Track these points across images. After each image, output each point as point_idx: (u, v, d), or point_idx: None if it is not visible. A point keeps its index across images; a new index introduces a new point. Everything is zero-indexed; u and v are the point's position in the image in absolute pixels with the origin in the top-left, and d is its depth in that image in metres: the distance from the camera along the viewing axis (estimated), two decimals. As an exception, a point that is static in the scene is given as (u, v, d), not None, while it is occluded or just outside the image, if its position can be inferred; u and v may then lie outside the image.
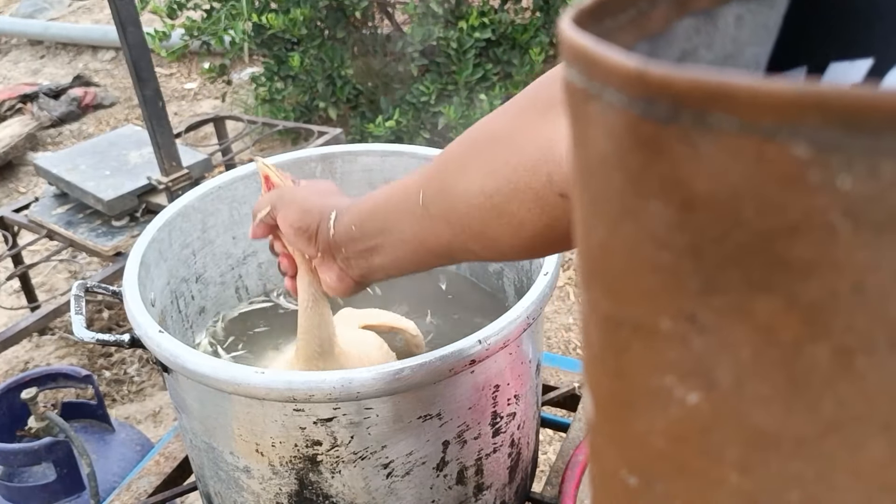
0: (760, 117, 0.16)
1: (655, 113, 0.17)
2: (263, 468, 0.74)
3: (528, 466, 0.88)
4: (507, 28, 2.68)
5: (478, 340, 0.69)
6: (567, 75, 0.20)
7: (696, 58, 0.24)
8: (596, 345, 0.22)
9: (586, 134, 0.20)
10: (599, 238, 0.21)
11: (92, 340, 0.76)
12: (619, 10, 0.22)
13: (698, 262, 0.18)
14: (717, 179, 0.17)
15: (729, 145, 0.17)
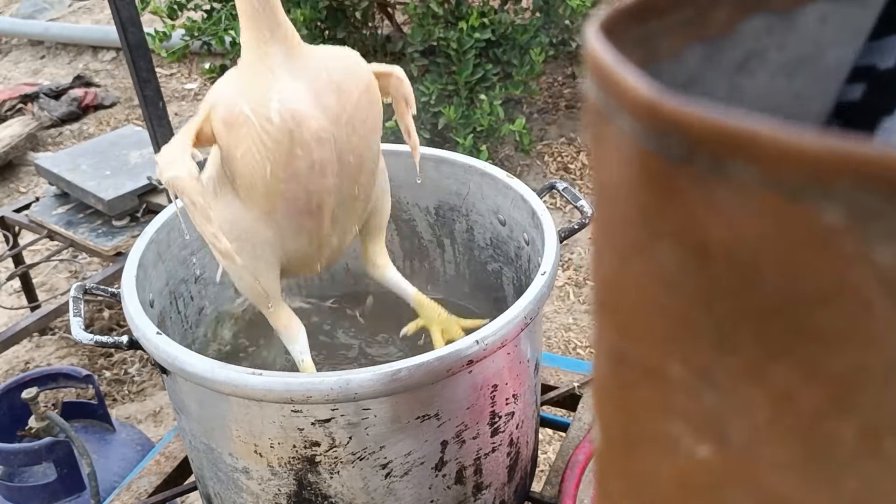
0: (786, 173, 0.14)
1: (668, 150, 0.16)
2: (262, 469, 0.74)
3: (527, 466, 0.88)
4: (507, 28, 2.68)
5: (475, 340, 0.69)
6: (587, 87, 0.18)
7: (763, 60, 0.22)
8: (604, 375, 0.21)
9: (602, 156, 0.19)
10: (610, 269, 0.19)
11: (90, 342, 0.76)
12: (670, 10, 0.20)
13: (712, 314, 0.16)
14: (736, 232, 0.15)
15: (749, 199, 0.15)
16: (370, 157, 0.79)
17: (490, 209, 0.97)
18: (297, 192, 0.73)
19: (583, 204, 0.91)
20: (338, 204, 0.77)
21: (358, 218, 0.84)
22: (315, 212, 0.76)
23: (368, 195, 0.82)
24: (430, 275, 1.08)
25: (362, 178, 0.78)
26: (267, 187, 0.73)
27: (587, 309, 2.30)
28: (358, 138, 0.74)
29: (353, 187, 0.77)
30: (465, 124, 2.57)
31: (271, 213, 0.75)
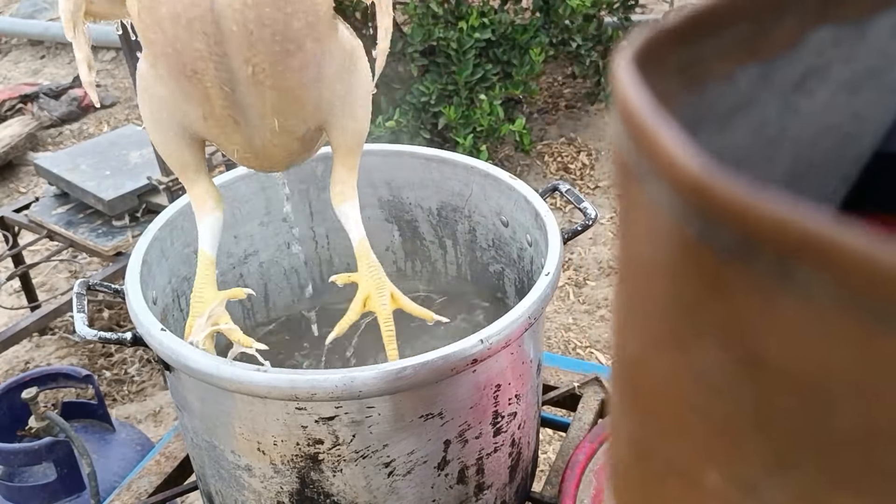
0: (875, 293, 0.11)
1: (717, 241, 0.13)
2: (265, 467, 0.74)
3: (528, 466, 0.88)
4: (507, 28, 2.68)
5: (479, 340, 0.69)
6: (615, 133, 0.15)
7: (826, 75, 0.19)
8: (625, 463, 0.19)
9: (632, 222, 0.16)
10: (636, 352, 0.17)
11: (94, 338, 0.76)
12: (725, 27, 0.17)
13: (764, 431, 0.14)
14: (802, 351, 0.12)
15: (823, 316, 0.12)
16: (296, 39, 0.66)
17: (493, 210, 0.97)
18: (165, 47, 0.65)
19: (586, 206, 0.91)
20: (231, 81, 0.66)
21: (296, 117, 0.72)
22: (192, 78, 0.66)
23: (299, 92, 0.69)
24: (432, 275, 1.08)
25: (283, 66, 0.66)
26: (139, 31, 0.66)
27: (587, 309, 2.30)
28: (275, 12, 0.63)
29: (261, 69, 0.65)
30: (465, 124, 2.57)
31: (156, 66, 0.68)
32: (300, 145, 0.76)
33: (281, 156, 0.77)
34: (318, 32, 0.67)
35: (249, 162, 0.78)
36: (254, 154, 0.75)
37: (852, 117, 0.21)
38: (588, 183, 2.80)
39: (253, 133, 0.72)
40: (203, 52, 0.64)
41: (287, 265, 1.05)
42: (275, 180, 0.99)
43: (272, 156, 0.76)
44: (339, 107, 0.74)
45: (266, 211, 1.00)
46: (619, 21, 3.01)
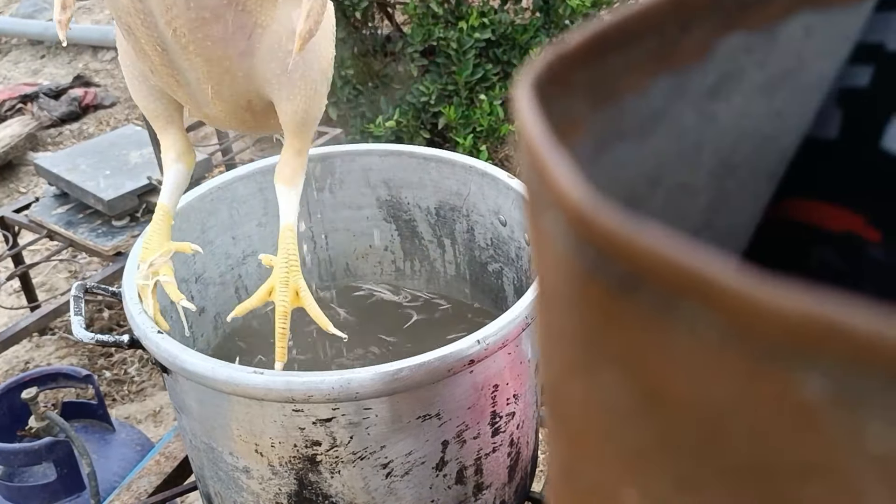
0: (754, 332, 0.11)
1: (607, 274, 0.13)
2: (263, 468, 0.74)
3: (527, 466, 0.88)
4: (507, 28, 2.68)
5: (476, 340, 0.69)
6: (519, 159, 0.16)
7: (739, 82, 0.19)
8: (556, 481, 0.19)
9: (538, 246, 0.16)
10: (554, 375, 0.17)
11: (91, 341, 0.76)
12: (630, 43, 0.17)
13: (670, 455, 0.14)
14: (694, 385, 0.13)
15: (710, 351, 0.12)
16: (213, 8, 0.63)
17: (491, 209, 0.97)
18: (105, 2, 0.67)
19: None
20: (161, 42, 0.65)
21: (228, 87, 0.70)
22: (129, 35, 0.67)
23: (226, 63, 0.67)
24: (431, 275, 1.08)
25: (202, 33, 0.64)
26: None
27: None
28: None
29: (181, 33, 0.64)
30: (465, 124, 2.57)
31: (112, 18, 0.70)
32: (250, 114, 0.75)
33: (230, 121, 0.76)
34: (243, 4, 0.64)
35: (201, 117, 0.78)
36: (203, 115, 0.76)
37: (773, 117, 0.21)
38: (588, 182, 2.80)
39: (195, 95, 0.71)
40: (129, 8, 0.64)
41: (286, 265, 1.05)
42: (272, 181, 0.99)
43: (220, 119, 0.76)
44: (275, 85, 0.71)
45: (264, 211, 1.00)
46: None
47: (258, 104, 0.74)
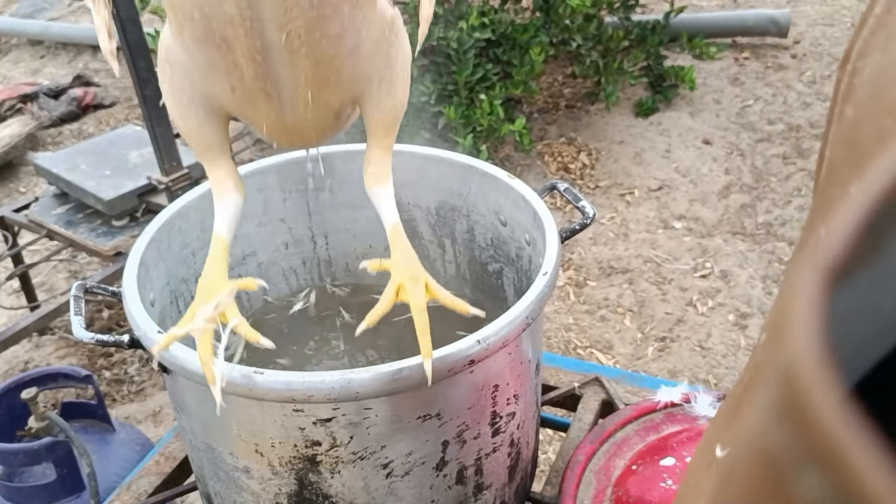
0: None
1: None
2: (263, 468, 0.74)
3: (527, 466, 0.88)
4: (507, 28, 2.68)
5: (477, 340, 0.69)
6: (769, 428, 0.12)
7: None
8: None
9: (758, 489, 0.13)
10: None
11: (91, 341, 0.76)
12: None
13: None
14: None
15: None
16: (334, 3, 0.61)
17: (491, 209, 0.97)
18: (191, 10, 0.60)
19: (584, 205, 0.90)
20: (263, 49, 0.62)
21: (331, 89, 0.68)
22: (221, 46, 0.62)
23: (336, 63, 0.65)
24: (431, 274, 1.08)
25: (320, 32, 0.62)
26: (166, 3, 0.63)
27: (587, 309, 2.30)
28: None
29: (296, 36, 0.61)
30: (465, 124, 2.57)
31: (180, 33, 0.64)
32: (334, 120, 0.72)
33: (313, 130, 0.72)
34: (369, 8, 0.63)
35: (278, 137, 0.73)
36: (284, 129, 0.71)
37: None
38: (588, 183, 2.80)
39: (284, 106, 0.68)
40: (234, 16, 0.59)
41: (286, 266, 1.05)
42: (272, 181, 0.99)
43: (303, 130, 0.72)
44: (376, 81, 0.69)
45: (264, 212, 1.00)
46: (619, 21, 3.01)
47: (348, 107, 0.71)
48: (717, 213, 2.64)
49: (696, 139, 2.96)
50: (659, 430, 0.90)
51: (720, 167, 2.83)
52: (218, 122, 0.71)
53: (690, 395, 0.93)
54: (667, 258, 2.46)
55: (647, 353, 2.14)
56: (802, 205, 2.63)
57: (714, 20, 3.52)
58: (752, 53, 3.43)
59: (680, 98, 3.14)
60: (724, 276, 2.38)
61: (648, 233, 2.57)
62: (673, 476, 0.80)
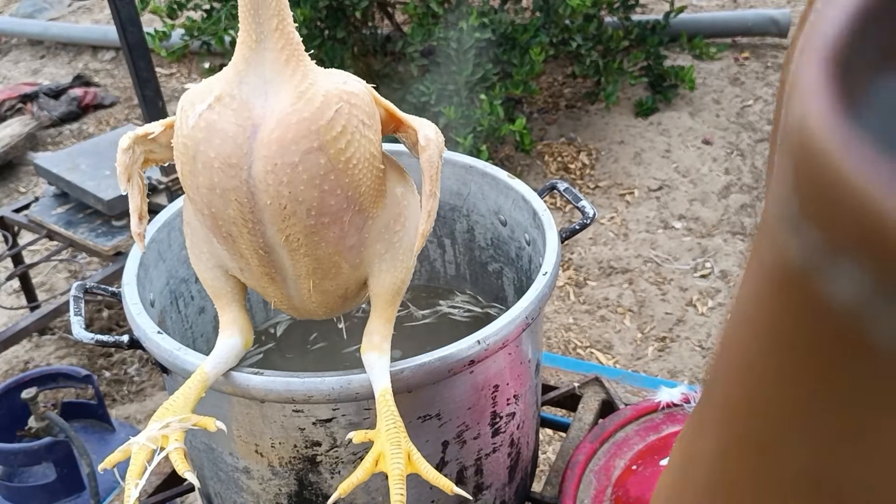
0: None
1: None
2: (263, 469, 0.74)
3: (527, 466, 0.88)
4: (507, 28, 2.68)
5: (477, 341, 0.69)
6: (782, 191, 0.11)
7: None
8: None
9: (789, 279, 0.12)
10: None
11: (91, 342, 0.76)
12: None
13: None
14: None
15: None
16: (333, 213, 0.65)
17: (491, 209, 0.97)
18: (202, 207, 0.66)
19: (584, 205, 0.90)
20: (266, 245, 0.66)
21: (332, 280, 0.71)
22: (228, 239, 0.67)
23: (336, 259, 0.68)
24: (431, 275, 1.08)
25: (319, 237, 0.66)
26: (183, 186, 0.67)
27: (587, 309, 2.30)
28: (311, 190, 0.63)
29: (295, 239, 0.65)
30: (465, 124, 2.57)
31: (195, 216, 0.70)
32: (341, 301, 0.75)
33: (319, 310, 0.75)
34: (359, 205, 0.66)
35: (287, 311, 0.77)
36: (292, 307, 0.75)
37: None
38: (588, 182, 2.80)
39: (290, 291, 0.71)
40: (237, 219, 0.64)
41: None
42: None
43: (310, 310, 0.75)
44: (377, 262, 0.71)
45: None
46: (619, 21, 3.01)
47: (353, 290, 0.74)
48: (717, 213, 2.64)
49: (695, 139, 2.96)
50: (659, 430, 0.90)
51: (720, 167, 2.83)
52: (233, 281, 0.75)
53: (690, 395, 0.93)
54: (667, 258, 2.46)
55: (647, 353, 2.14)
56: (802, 205, 2.63)
57: (714, 20, 3.52)
58: (752, 53, 3.43)
59: (680, 98, 3.14)
60: (724, 276, 2.38)
61: (648, 233, 2.57)
62: (673, 476, 0.80)
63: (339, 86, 0.64)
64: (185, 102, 0.65)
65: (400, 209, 0.71)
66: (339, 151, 0.63)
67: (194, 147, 0.63)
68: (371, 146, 0.65)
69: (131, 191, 0.71)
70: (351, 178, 0.64)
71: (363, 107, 0.65)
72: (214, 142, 0.62)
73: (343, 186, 0.64)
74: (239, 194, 0.63)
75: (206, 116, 0.62)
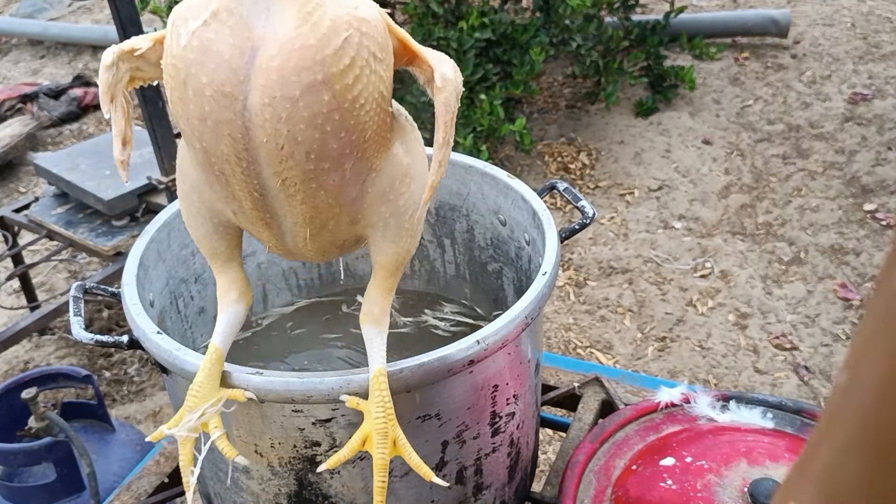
0: None
1: None
2: (262, 469, 0.74)
3: (527, 466, 0.88)
4: (507, 28, 2.68)
5: (476, 341, 0.69)
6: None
7: None
8: None
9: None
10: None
11: (90, 342, 0.76)
12: None
13: None
14: None
15: None
16: (334, 159, 0.59)
17: (490, 209, 0.97)
18: (192, 140, 0.60)
19: (584, 204, 0.90)
20: (260, 188, 0.61)
21: (330, 231, 0.65)
22: (220, 178, 0.61)
23: (334, 210, 0.63)
24: (431, 275, 1.08)
25: (317, 183, 0.60)
26: (173, 114, 0.61)
27: (587, 309, 2.30)
28: (311, 130, 0.57)
29: (291, 184, 0.59)
30: (466, 124, 2.57)
31: (189, 153, 0.63)
32: (337, 250, 0.70)
33: (316, 257, 0.70)
34: (362, 152, 0.60)
35: (282, 254, 0.72)
36: (285, 252, 0.70)
37: None
38: (588, 183, 2.80)
39: (285, 237, 0.66)
40: (230, 156, 0.58)
41: (285, 266, 1.05)
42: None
43: (304, 255, 0.70)
44: (380, 227, 0.66)
45: (264, 211, 1.00)
46: (619, 21, 3.01)
47: (351, 242, 0.69)
48: (717, 213, 2.64)
49: (695, 139, 2.96)
50: (659, 430, 0.90)
51: (720, 167, 2.83)
52: (226, 233, 0.70)
53: (690, 395, 0.93)
54: (667, 258, 2.46)
55: (647, 353, 2.14)
56: (802, 205, 2.63)
57: (714, 20, 3.52)
58: (752, 53, 3.43)
59: (680, 98, 3.14)
60: (724, 276, 2.38)
61: (648, 233, 2.57)
62: (673, 476, 0.80)
63: (349, 11, 0.57)
64: (177, 17, 0.57)
65: (406, 168, 0.65)
66: (345, 88, 0.56)
67: (185, 70, 0.56)
68: (381, 84, 0.59)
69: (115, 113, 0.64)
70: (356, 120, 0.58)
71: (376, 37, 0.58)
72: (208, 65, 0.55)
73: (347, 129, 0.58)
74: (233, 128, 0.57)
75: (200, 34, 0.56)
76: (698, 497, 0.76)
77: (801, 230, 2.53)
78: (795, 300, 2.27)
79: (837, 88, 3.13)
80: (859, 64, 3.25)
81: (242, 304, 0.72)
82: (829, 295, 2.28)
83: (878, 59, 3.25)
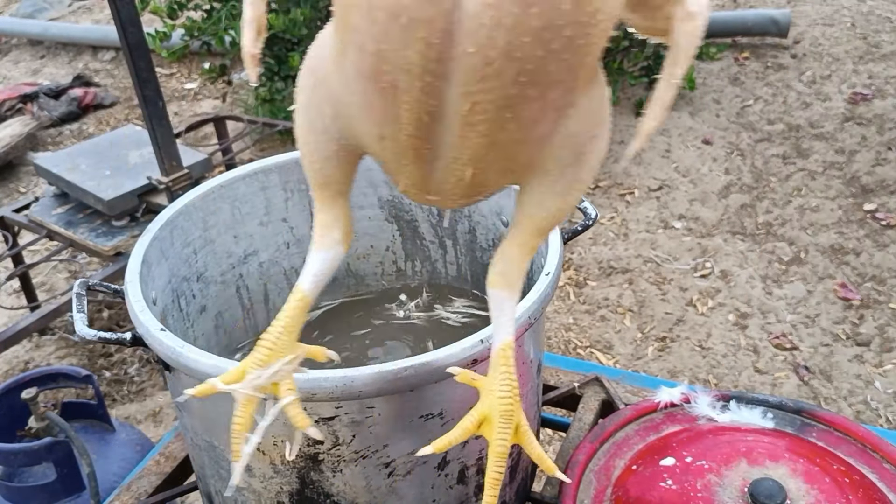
0: None
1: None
2: (265, 467, 0.74)
3: (528, 466, 0.88)
4: (507, 28, 2.68)
5: (479, 340, 0.69)
6: None
7: None
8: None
9: None
10: None
11: (94, 338, 0.76)
12: None
13: None
14: None
15: None
16: (543, 84, 0.48)
17: (493, 210, 0.97)
18: (365, 41, 0.47)
19: (586, 205, 0.90)
20: (435, 112, 0.49)
21: (497, 173, 0.55)
22: (385, 91, 0.49)
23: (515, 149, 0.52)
24: (432, 275, 1.08)
25: (512, 113, 0.49)
26: (337, 13, 0.50)
27: (587, 309, 2.30)
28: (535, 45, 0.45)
29: (482, 109, 0.48)
30: (465, 124, 2.56)
31: (342, 53, 0.51)
32: (481, 197, 0.60)
33: (453, 201, 0.59)
34: (575, 80, 0.49)
35: (414, 195, 0.60)
36: (423, 191, 0.58)
37: None
38: (588, 182, 2.80)
39: (435, 173, 0.55)
40: (415, 66, 0.46)
41: (287, 265, 1.05)
42: (274, 180, 0.99)
43: (443, 198, 0.59)
44: (553, 176, 0.56)
45: (266, 211, 1.00)
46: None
47: (498, 190, 0.60)
48: (717, 213, 2.64)
49: (695, 139, 2.96)
50: (659, 430, 0.90)
51: (720, 167, 2.84)
52: (347, 160, 0.60)
53: (690, 395, 0.93)
54: (667, 258, 2.47)
55: (647, 353, 2.14)
56: (802, 205, 2.63)
57: (714, 20, 3.52)
58: (752, 53, 3.43)
59: (680, 98, 3.14)
60: (724, 276, 2.38)
61: (648, 233, 2.57)
62: (673, 476, 0.80)
63: None
64: None
65: (604, 115, 0.55)
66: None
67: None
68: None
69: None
70: (587, 40, 0.46)
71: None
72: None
73: (573, 50, 0.46)
74: (432, 30, 0.44)
75: None
76: (698, 497, 0.76)
77: (801, 230, 2.54)
78: (795, 300, 2.28)
79: (837, 88, 3.13)
80: (859, 64, 3.25)
81: (342, 248, 0.62)
82: (829, 295, 2.29)
83: (878, 59, 3.26)
